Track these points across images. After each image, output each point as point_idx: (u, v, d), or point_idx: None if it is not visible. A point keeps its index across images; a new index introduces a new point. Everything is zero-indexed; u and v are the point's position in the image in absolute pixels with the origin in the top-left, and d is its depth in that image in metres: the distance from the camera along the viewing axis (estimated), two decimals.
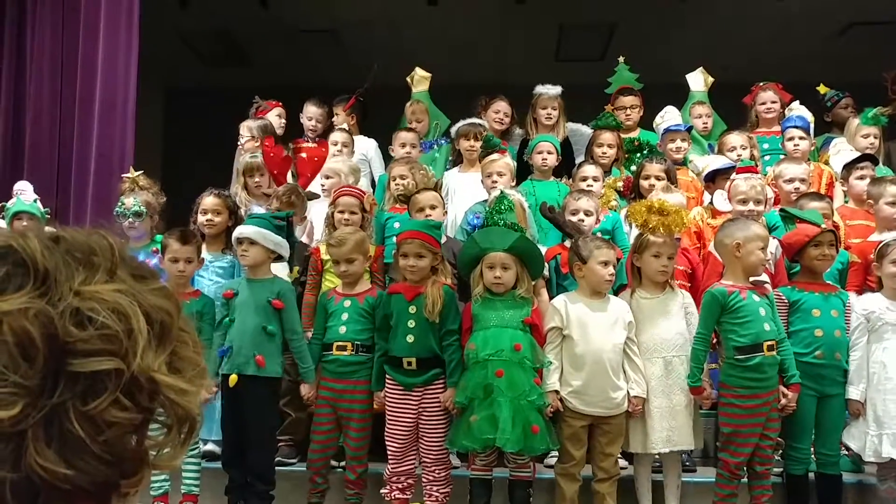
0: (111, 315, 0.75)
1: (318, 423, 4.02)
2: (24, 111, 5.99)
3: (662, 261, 3.93)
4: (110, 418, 0.73)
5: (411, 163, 5.21)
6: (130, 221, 4.63)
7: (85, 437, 0.72)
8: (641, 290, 4.01)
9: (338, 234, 4.20)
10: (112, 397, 0.73)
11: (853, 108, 6.16)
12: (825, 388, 3.94)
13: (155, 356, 0.77)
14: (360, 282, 4.12)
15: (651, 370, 3.89)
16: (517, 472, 3.86)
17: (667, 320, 3.94)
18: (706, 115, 6.23)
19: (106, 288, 0.76)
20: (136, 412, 0.75)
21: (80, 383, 0.73)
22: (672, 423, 3.84)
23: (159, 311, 0.79)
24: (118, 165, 5.51)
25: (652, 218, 3.92)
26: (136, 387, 0.75)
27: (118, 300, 0.76)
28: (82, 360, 0.73)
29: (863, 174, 5.00)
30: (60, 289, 0.75)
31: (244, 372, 3.87)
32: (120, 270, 0.79)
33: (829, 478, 3.96)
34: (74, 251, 0.78)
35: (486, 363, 3.70)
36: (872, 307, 4.00)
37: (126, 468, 0.77)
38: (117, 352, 0.74)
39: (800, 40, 7.87)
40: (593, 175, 5.17)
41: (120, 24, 5.90)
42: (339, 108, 6.24)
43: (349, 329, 3.99)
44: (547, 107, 5.96)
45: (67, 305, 0.74)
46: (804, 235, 4.00)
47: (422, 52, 7.07)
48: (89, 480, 0.74)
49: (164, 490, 4.08)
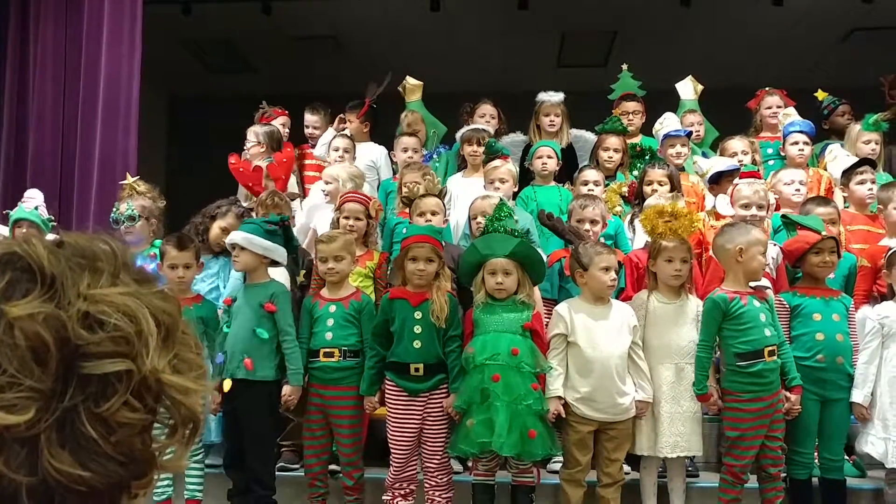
0: (122, 317, 0.76)
1: (310, 429, 4.02)
2: (28, 119, 6.01)
3: (675, 265, 3.92)
4: (122, 419, 0.75)
5: (423, 168, 5.20)
6: (126, 226, 4.65)
7: (98, 439, 0.73)
8: (658, 294, 4.00)
9: (328, 232, 4.22)
10: (123, 399, 0.74)
11: (850, 115, 6.17)
12: (828, 392, 3.93)
13: (161, 358, 0.78)
14: (345, 285, 4.12)
15: (663, 375, 3.89)
16: (519, 477, 3.85)
17: (680, 327, 3.92)
18: (697, 123, 6.26)
19: (113, 291, 0.78)
20: (145, 413, 0.76)
21: (92, 386, 0.74)
22: (681, 429, 3.84)
23: (163, 314, 0.80)
24: (121, 173, 5.51)
25: (659, 223, 3.92)
26: (145, 388, 0.76)
27: (127, 303, 0.77)
28: (94, 363, 0.74)
29: (863, 178, 5.00)
30: (68, 293, 0.76)
31: (236, 376, 3.87)
32: (123, 275, 0.81)
33: (832, 482, 3.96)
34: (79, 256, 0.79)
35: (484, 368, 3.70)
36: (887, 313, 3.99)
37: (137, 469, 0.78)
38: (128, 353, 0.75)
39: (800, 46, 7.88)
40: (594, 179, 5.18)
41: (123, 32, 5.93)
42: (351, 115, 6.24)
43: (335, 335, 3.98)
44: (550, 114, 5.98)
45: (77, 309, 0.75)
46: (805, 242, 4.00)
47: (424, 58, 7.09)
48: (104, 481, 0.75)
49: (167, 495, 4.08)
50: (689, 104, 6.30)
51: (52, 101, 5.99)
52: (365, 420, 4.08)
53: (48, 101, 6.00)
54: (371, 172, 5.96)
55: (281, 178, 5.05)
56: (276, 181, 5.08)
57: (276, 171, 5.08)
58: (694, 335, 3.90)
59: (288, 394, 3.96)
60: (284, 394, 3.95)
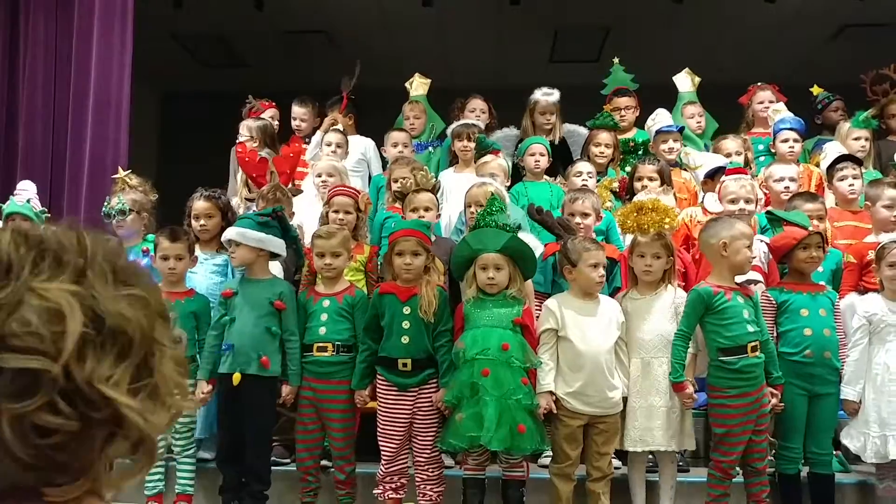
0: (43, 313, 0.72)
1: (302, 423, 4.03)
2: (18, 113, 5.99)
3: (647, 260, 3.93)
4: (40, 421, 0.71)
5: (412, 163, 5.21)
6: (117, 220, 4.64)
7: (9, 436, 0.70)
8: (634, 291, 4.02)
9: (327, 227, 4.22)
10: (45, 399, 0.71)
11: (843, 111, 6.19)
12: (816, 387, 3.95)
13: (104, 365, 0.74)
14: (339, 280, 4.12)
15: (630, 369, 3.91)
16: (510, 471, 3.87)
17: (647, 321, 3.92)
18: (698, 114, 6.25)
19: (55, 286, 0.74)
20: (72, 419, 0.72)
21: (15, 381, 0.71)
22: (646, 424, 3.84)
23: (118, 319, 0.76)
24: (112, 167, 5.49)
25: (630, 218, 3.93)
26: (78, 394, 0.72)
27: (58, 300, 0.73)
28: (10, 356, 0.71)
29: (843, 175, 5.01)
30: (18, 283, 0.73)
31: (246, 371, 3.88)
32: (90, 272, 0.77)
33: (821, 477, 3.98)
34: (48, 249, 0.77)
35: (474, 362, 3.70)
36: (874, 309, 4.01)
37: (53, 476, 0.74)
38: (47, 352, 0.72)
39: (793, 43, 7.90)
40: (588, 171, 5.19)
41: (114, 26, 5.91)
42: (333, 112, 6.25)
43: (329, 329, 3.99)
44: (545, 112, 5.99)
45: (14, 299, 0.72)
46: (791, 238, 4.02)
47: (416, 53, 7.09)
48: (8, 483, 0.72)
49: (158, 490, 4.09)
50: (688, 96, 6.30)
51: (43, 96, 5.97)
52: (357, 414, 4.09)
53: (39, 96, 5.97)
54: (361, 166, 5.96)
55: (286, 172, 5.06)
56: (280, 175, 5.08)
57: (282, 165, 5.08)
58: (661, 329, 3.89)
59: (287, 392, 3.98)
60: (284, 393, 3.98)
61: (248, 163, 5.02)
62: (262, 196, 4.73)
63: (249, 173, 5.06)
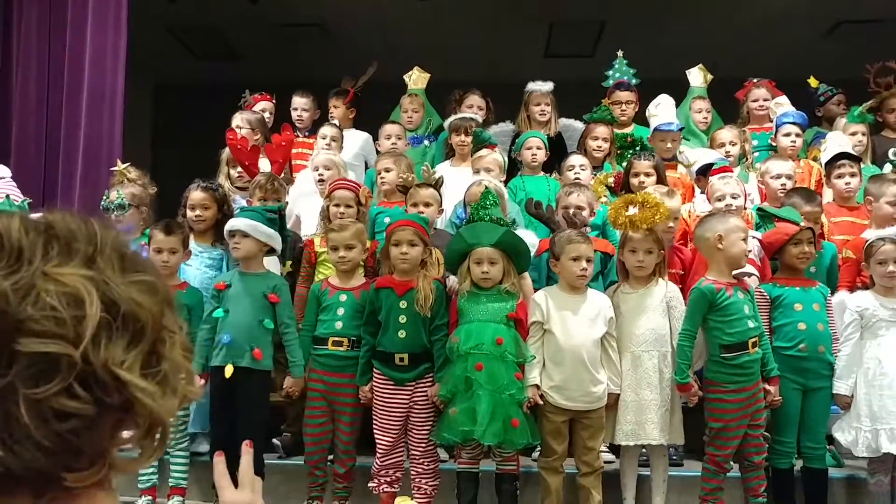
0: (62, 298, 0.73)
1: (312, 415, 4.02)
2: (11, 104, 5.95)
3: (638, 255, 3.93)
4: (58, 406, 0.71)
5: (395, 155, 5.21)
6: (116, 215, 4.62)
7: (28, 422, 0.70)
8: (625, 286, 4.02)
9: (339, 221, 4.22)
10: (63, 384, 0.71)
11: (844, 106, 6.18)
12: (809, 381, 3.96)
13: (118, 350, 0.75)
14: (356, 275, 4.12)
15: (621, 364, 3.90)
16: (503, 465, 3.87)
17: (638, 316, 3.92)
18: (706, 109, 6.25)
19: (70, 272, 0.75)
20: (89, 403, 0.73)
21: (33, 366, 0.71)
22: (638, 418, 3.84)
23: (131, 304, 0.76)
24: (106, 160, 5.48)
25: (621, 213, 3.92)
26: (94, 378, 0.73)
27: (76, 284, 0.74)
28: (29, 340, 0.71)
29: (840, 172, 5.01)
30: (30, 268, 0.74)
31: (239, 364, 3.88)
32: (100, 259, 0.78)
33: (814, 471, 3.99)
34: (58, 236, 0.77)
35: (468, 357, 3.70)
36: (866, 304, 4.02)
37: (71, 461, 0.75)
38: (66, 336, 0.72)
39: (788, 39, 7.90)
40: (580, 164, 5.19)
41: (108, 18, 5.87)
42: (337, 100, 6.24)
43: (346, 324, 3.99)
44: (540, 103, 5.98)
45: (27, 284, 0.73)
46: (783, 234, 4.02)
47: (411, 47, 7.06)
48: (23, 466, 0.72)
49: (151, 483, 4.08)
50: (698, 90, 6.30)
51: (37, 88, 5.93)
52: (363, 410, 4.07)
53: (32, 88, 5.93)
54: (359, 160, 5.95)
55: (278, 161, 5.02)
56: (272, 164, 5.06)
57: (274, 154, 5.05)
58: (652, 323, 3.89)
59: (290, 385, 3.99)
60: (287, 385, 3.99)
61: (240, 150, 5.00)
62: (260, 186, 4.72)
63: (241, 161, 5.04)
